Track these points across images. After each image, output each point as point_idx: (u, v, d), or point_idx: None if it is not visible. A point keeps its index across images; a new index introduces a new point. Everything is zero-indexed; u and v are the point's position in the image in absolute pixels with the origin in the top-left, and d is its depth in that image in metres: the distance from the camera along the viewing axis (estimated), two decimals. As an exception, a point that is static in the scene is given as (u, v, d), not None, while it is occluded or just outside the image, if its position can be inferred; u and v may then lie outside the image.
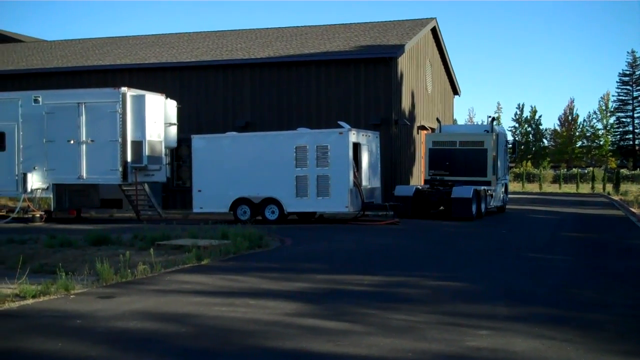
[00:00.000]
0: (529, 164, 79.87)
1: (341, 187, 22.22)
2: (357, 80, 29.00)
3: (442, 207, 25.51)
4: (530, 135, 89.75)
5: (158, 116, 24.61)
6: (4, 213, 24.88)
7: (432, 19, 34.38)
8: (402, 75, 29.92)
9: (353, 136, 22.66)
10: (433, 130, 31.94)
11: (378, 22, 35.04)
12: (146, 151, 23.76)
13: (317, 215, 24.28)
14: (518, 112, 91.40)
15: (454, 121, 46.77)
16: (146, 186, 24.72)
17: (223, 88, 30.52)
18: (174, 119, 25.78)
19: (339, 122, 24.02)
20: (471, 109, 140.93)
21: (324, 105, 29.19)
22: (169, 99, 25.62)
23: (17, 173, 24.17)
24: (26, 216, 23.85)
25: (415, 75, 32.58)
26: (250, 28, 36.82)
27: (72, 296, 9.77)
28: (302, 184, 22.58)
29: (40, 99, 24.16)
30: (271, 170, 22.89)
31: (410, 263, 13.77)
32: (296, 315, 8.54)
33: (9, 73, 33.06)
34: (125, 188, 24.45)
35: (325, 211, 23.82)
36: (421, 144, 32.06)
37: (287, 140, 23.09)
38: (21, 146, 24.24)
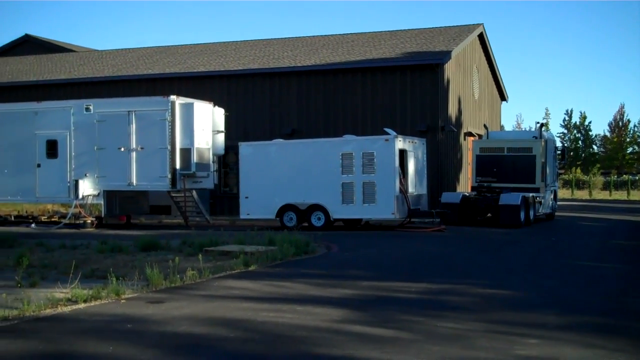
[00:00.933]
0: (579, 170, 78.57)
1: (387, 194, 22.17)
2: (403, 87, 28.94)
3: (489, 215, 25.27)
4: (580, 142, 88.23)
5: (206, 124, 24.91)
6: (56, 219, 25.43)
7: (479, 24, 34.14)
8: (448, 81, 29.76)
9: (399, 143, 22.61)
10: (480, 136, 31.69)
11: (424, 28, 34.94)
12: (194, 158, 24.06)
13: (363, 222, 24.27)
14: (567, 118, 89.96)
15: (502, 127, 46.30)
16: (194, 193, 25.01)
17: (270, 96, 30.75)
18: (222, 127, 26.07)
19: (384, 129, 24.00)
20: (519, 115, 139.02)
21: (369, 112, 29.19)
22: (216, 107, 25.92)
23: (69, 180, 24.71)
24: (78, 222, 24.36)
25: (462, 81, 32.38)
26: (296, 36, 37.05)
27: (122, 301, 9.94)
28: (348, 190, 22.61)
29: (91, 108, 24.67)
30: (317, 177, 22.97)
31: (457, 270, 13.67)
32: (343, 322, 8.56)
33: (61, 82, 33.83)
34: (173, 195, 24.79)
35: (371, 218, 23.80)
36: (468, 150, 31.81)
37: (333, 147, 23.15)
38: (73, 153, 24.76)
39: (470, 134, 32.84)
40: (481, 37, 35.18)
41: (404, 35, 33.77)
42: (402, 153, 22.98)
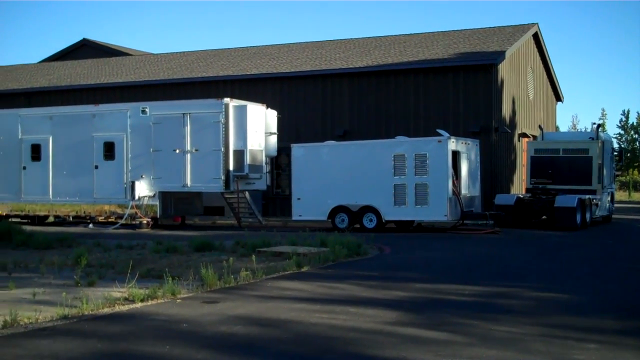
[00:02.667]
0: (636, 172, 76.63)
1: (440, 196, 22.02)
2: (456, 88, 28.71)
3: (544, 217, 24.88)
4: (637, 143, 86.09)
5: (259, 126, 25.12)
6: (113, 219, 25.96)
7: (533, 24, 33.64)
8: (502, 82, 29.40)
9: (452, 144, 22.43)
10: (535, 137, 31.23)
11: (478, 28, 34.59)
12: (247, 160, 24.28)
13: (415, 223, 24.14)
14: (623, 119, 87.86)
15: (557, 128, 45.52)
16: (247, 194, 25.25)
17: (322, 97, 30.84)
18: (274, 129, 26.26)
19: (437, 130, 23.84)
20: (574, 115, 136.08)
21: (422, 113, 29.04)
22: (269, 109, 26.13)
23: (125, 181, 25.20)
24: (134, 223, 24.82)
25: (516, 82, 31.94)
26: (348, 38, 37.06)
27: (178, 300, 10.09)
28: (400, 192, 22.52)
29: (147, 110, 25.12)
30: (369, 179, 22.95)
31: (511, 273, 13.50)
32: (396, 324, 8.54)
33: (118, 85, 34.52)
34: (227, 196, 25.06)
35: (424, 220, 23.66)
36: (522, 151, 31.36)
37: (386, 149, 23.10)
38: (129, 155, 25.25)
39: (524, 135, 32.36)
40: (536, 37, 34.66)
41: (457, 36, 33.49)
42: (455, 154, 22.80)
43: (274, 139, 26.22)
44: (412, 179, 22.36)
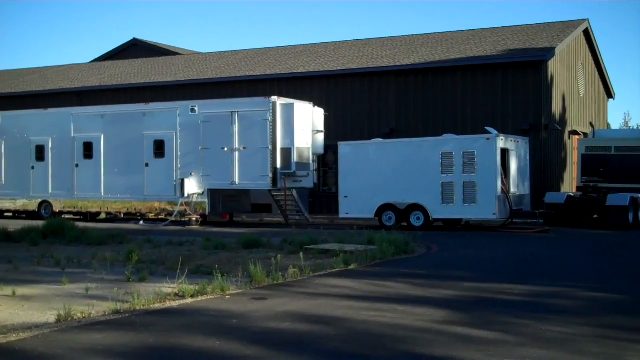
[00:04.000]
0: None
1: (488, 194, 21.80)
2: (505, 85, 28.37)
3: (595, 216, 24.42)
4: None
5: (306, 124, 25.21)
6: (163, 216, 26.34)
7: (584, 20, 33.04)
8: (552, 78, 28.94)
9: (501, 142, 22.19)
10: (586, 135, 30.69)
11: (527, 25, 34.11)
12: (295, 158, 24.40)
13: (463, 222, 23.94)
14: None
15: (608, 125, 44.60)
16: (294, 192, 25.36)
17: (368, 95, 30.78)
18: (321, 127, 26.31)
19: (486, 127, 23.61)
20: (627, 113, 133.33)
21: (470, 110, 28.78)
22: (316, 107, 26.19)
23: (175, 179, 25.55)
24: (183, 220, 25.15)
25: (567, 79, 31.41)
26: (395, 35, 36.91)
27: (227, 297, 10.19)
28: (448, 190, 22.37)
29: (196, 109, 25.42)
30: (417, 177, 22.84)
31: (562, 273, 13.29)
32: (445, 323, 8.49)
33: (167, 84, 34.98)
34: (274, 193, 25.21)
35: (472, 218, 23.46)
36: (573, 149, 30.82)
37: (433, 147, 22.96)
38: (179, 153, 25.59)
39: (575, 133, 31.81)
40: (586, 33, 34.02)
41: (505, 32, 33.08)
42: (504, 152, 22.55)
43: (320, 137, 26.28)
44: (460, 177, 22.18)
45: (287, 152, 24.39)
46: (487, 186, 21.82)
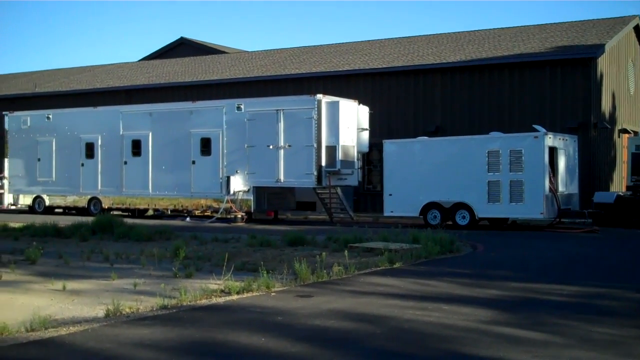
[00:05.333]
0: None
1: (536, 193, 21.52)
2: (552, 83, 27.96)
3: (646, 216, 23.89)
4: None
5: (351, 122, 25.21)
6: (209, 213, 26.62)
7: (634, 16, 32.36)
8: (601, 76, 28.42)
9: (549, 140, 21.88)
10: (636, 133, 30.06)
11: (575, 21, 33.56)
12: (339, 156, 24.43)
13: (510, 221, 23.67)
14: None
15: (660, 124, 43.57)
16: (339, 190, 25.40)
17: (414, 93, 30.64)
18: (366, 124, 26.29)
19: (533, 125, 23.31)
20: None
21: (517, 108, 28.43)
22: (361, 105, 26.18)
23: (221, 176, 25.80)
24: (229, 217, 25.38)
25: (616, 76, 30.81)
26: (441, 32, 36.65)
27: (272, 294, 10.25)
28: (494, 189, 22.14)
29: (242, 107, 25.62)
30: (462, 175, 22.65)
31: (611, 274, 13.06)
32: (491, 323, 8.41)
33: (214, 82, 35.31)
34: (319, 191, 25.28)
35: (518, 217, 23.18)
36: (623, 148, 30.22)
37: (479, 145, 22.75)
38: (225, 151, 25.83)
39: (625, 131, 31.18)
40: (637, 30, 33.32)
41: (553, 29, 32.59)
42: (552, 151, 22.23)
43: (365, 135, 26.26)
44: (506, 175, 21.93)
45: (332, 150, 24.42)
46: (534, 185, 21.53)
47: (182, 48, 47.12)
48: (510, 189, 21.88)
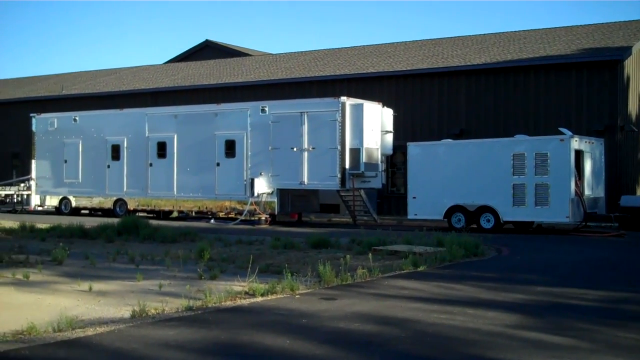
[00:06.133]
0: None
1: (561, 196, 21.34)
2: (578, 85, 27.73)
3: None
4: None
5: (375, 124, 25.20)
6: (233, 215, 26.72)
7: (663, 17, 31.98)
8: (628, 78, 28.14)
9: (575, 143, 21.70)
10: (664, 136, 29.71)
11: (602, 23, 33.28)
12: (363, 158, 24.42)
13: (535, 225, 23.50)
14: None
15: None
16: (362, 192, 25.38)
17: (438, 95, 30.54)
18: (390, 127, 26.25)
19: (559, 128, 23.13)
20: None
21: (542, 111, 28.23)
22: (385, 107, 26.15)
23: (245, 178, 25.90)
24: (252, 219, 25.47)
25: (644, 78, 30.47)
26: (466, 35, 36.52)
27: (297, 296, 10.26)
28: (519, 192, 21.99)
29: (266, 109, 25.71)
30: (487, 178, 22.53)
31: (638, 278, 12.92)
32: (517, 328, 8.36)
33: (238, 85, 35.48)
34: (343, 194, 25.28)
35: (544, 221, 23.02)
36: (650, 151, 29.89)
37: (504, 148, 22.62)
38: (249, 153, 25.93)
39: (652, 134, 30.83)
40: (666, 31, 32.91)
41: (579, 31, 32.33)
42: (578, 154, 22.05)
43: (389, 138, 26.22)
44: (532, 178, 21.78)
45: (355, 153, 24.42)
46: (560, 188, 21.36)
47: (206, 51, 47.40)
48: (536, 192, 21.72)
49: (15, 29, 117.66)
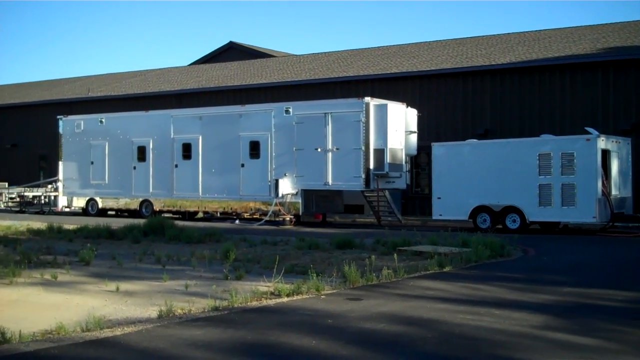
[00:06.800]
0: None
1: (588, 196, 21.15)
2: (605, 84, 27.45)
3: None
4: None
5: (399, 124, 25.15)
6: (257, 216, 26.81)
7: (692, 14, 31.56)
8: (656, 76, 27.79)
9: (602, 142, 21.50)
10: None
11: (628, 21, 32.93)
12: (388, 159, 24.38)
13: (561, 225, 23.31)
14: None
15: None
16: (387, 193, 25.34)
17: (462, 95, 30.40)
18: (414, 127, 26.19)
19: (585, 128, 22.93)
20: None
21: (568, 111, 28.00)
22: (409, 108, 26.09)
23: (269, 179, 25.98)
24: (277, 219, 25.54)
25: (673, 77, 30.06)
26: (490, 34, 36.30)
27: (322, 296, 10.27)
28: (545, 192, 21.83)
29: (291, 110, 25.77)
30: (512, 178, 22.39)
31: (668, 280, 12.77)
32: (544, 329, 8.30)
33: (263, 86, 35.60)
34: (367, 194, 25.26)
35: (570, 221, 22.82)
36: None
37: (530, 147, 22.46)
38: (273, 154, 26.00)
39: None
40: (694, 29, 32.49)
41: (605, 30, 32.01)
42: (605, 153, 21.84)
43: (414, 138, 26.16)
44: (558, 178, 21.61)
45: (380, 153, 24.39)
46: (586, 188, 21.17)
47: (230, 52, 47.60)
48: (562, 192, 21.54)
49: (42, 32, 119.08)
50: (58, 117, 33.10)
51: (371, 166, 24.32)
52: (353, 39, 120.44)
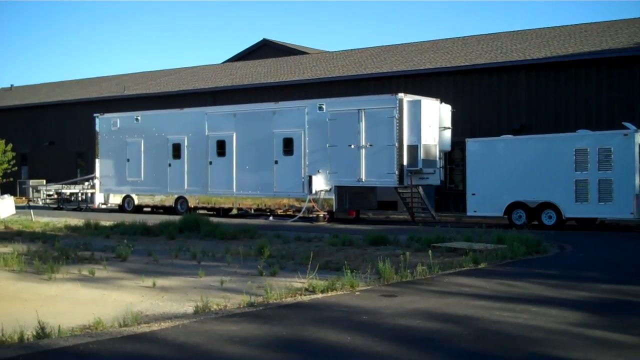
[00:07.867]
0: None
1: (625, 192, 20.86)
2: (643, 78, 26.99)
3: None
4: None
5: (433, 120, 25.01)
6: (291, 212, 26.88)
7: None
8: (697, 70, 27.27)
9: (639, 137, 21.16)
10: None
11: (668, 13, 32.26)
12: (421, 155, 24.27)
13: (598, 221, 23.00)
14: None
15: None
16: (420, 189, 25.24)
17: (497, 90, 30.13)
18: (448, 123, 26.02)
19: (623, 122, 22.58)
20: None
21: (604, 105, 27.59)
22: (443, 103, 25.93)
23: (303, 176, 26.03)
24: (311, 216, 25.58)
25: None
26: (525, 29, 35.92)
27: (357, 293, 10.27)
28: (582, 188, 21.57)
29: (324, 107, 25.78)
30: (548, 174, 22.16)
31: None
32: (581, 326, 8.22)
33: (296, 83, 35.65)
34: (400, 191, 25.18)
35: (607, 217, 22.50)
36: None
37: (566, 143, 22.20)
38: (307, 151, 26.04)
39: None
40: None
41: (644, 23, 31.46)
42: (643, 148, 21.48)
43: (447, 134, 26.00)
44: (595, 174, 21.34)
45: (413, 149, 24.28)
46: (624, 184, 20.87)
47: (264, 49, 47.76)
48: (599, 188, 21.27)
49: (80, 32, 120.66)
50: (94, 115, 33.53)
51: (405, 162, 24.23)
52: (386, 36, 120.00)
